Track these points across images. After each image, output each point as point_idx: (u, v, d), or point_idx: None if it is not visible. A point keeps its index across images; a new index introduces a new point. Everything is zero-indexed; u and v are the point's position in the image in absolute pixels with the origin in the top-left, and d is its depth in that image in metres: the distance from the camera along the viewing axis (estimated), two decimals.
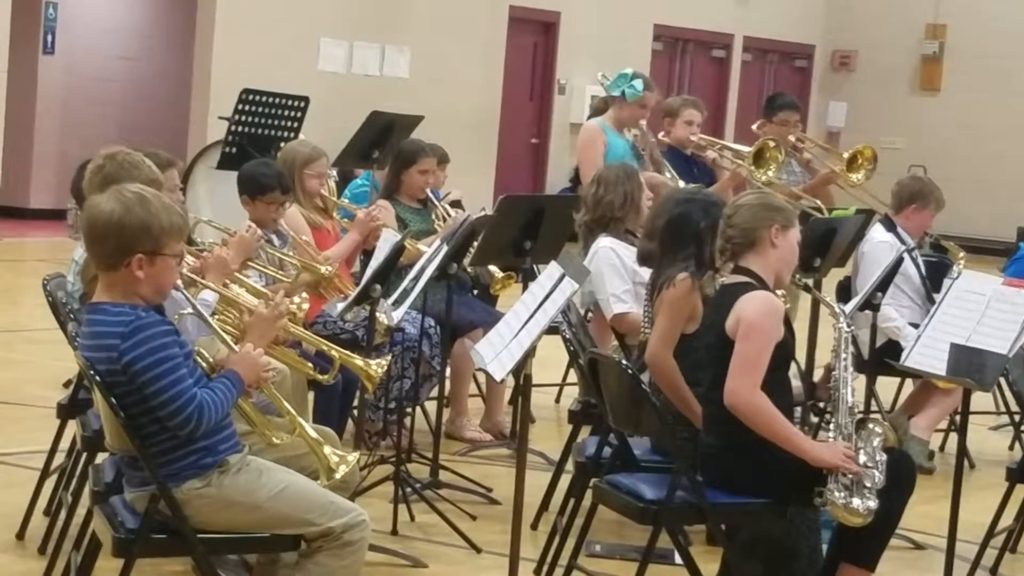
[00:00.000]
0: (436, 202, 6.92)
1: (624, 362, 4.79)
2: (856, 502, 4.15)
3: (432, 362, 6.49)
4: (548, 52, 16.66)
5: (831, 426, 4.45)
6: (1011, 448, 7.18)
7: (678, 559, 4.52)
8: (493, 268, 6.69)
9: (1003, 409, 7.22)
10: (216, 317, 4.28)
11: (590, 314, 6.20)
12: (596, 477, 4.71)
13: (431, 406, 6.53)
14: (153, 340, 3.56)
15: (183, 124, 13.49)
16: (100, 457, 4.39)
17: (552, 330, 4.54)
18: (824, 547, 4.53)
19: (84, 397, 4.65)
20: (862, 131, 13.93)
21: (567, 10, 17.03)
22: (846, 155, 8.05)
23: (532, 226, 6.44)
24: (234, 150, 9.50)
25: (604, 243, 5.97)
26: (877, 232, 7.19)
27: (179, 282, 3.94)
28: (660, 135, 7.83)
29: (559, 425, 7.25)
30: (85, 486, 4.49)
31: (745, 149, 7.66)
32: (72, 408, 4.89)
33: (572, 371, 6.58)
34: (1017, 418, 6.82)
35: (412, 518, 5.50)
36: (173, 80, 14.71)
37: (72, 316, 4.62)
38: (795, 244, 4.50)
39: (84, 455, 4.65)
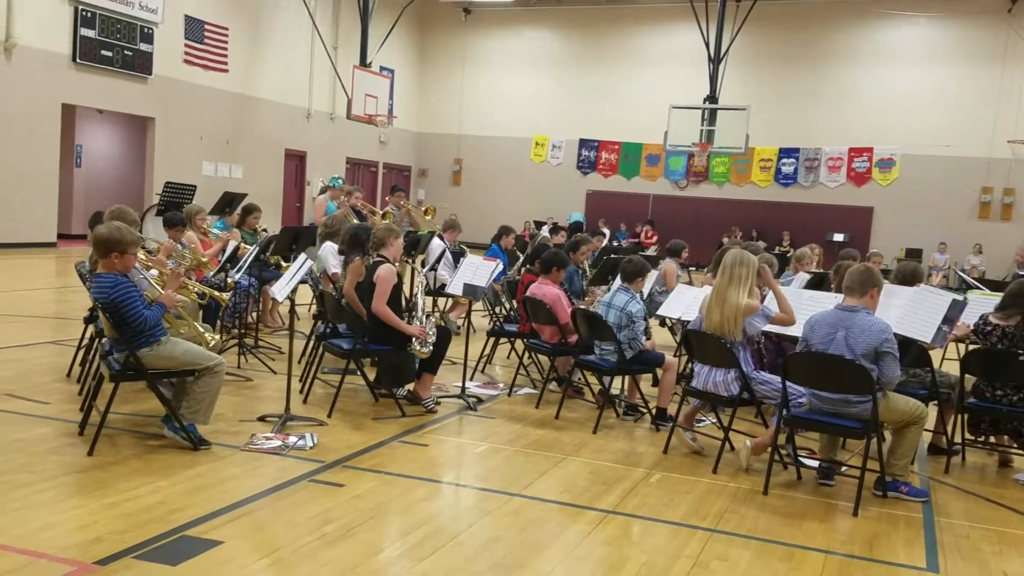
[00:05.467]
0: (262, 232, 9.04)
1: (335, 294, 6.89)
2: (423, 349, 6.47)
3: (254, 296, 8.60)
4: (302, 167, 23.08)
5: (415, 319, 6.56)
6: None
7: (359, 374, 6.68)
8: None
9: (489, 311, 9.25)
10: (154, 279, 5.78)
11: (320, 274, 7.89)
12: (324, 341, 6.79)
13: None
14: (123, 289, 5.00)
15: (141, 196, 18.65)
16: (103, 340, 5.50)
17: (303, 281, 6.47)
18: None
19: (94, 315, 6.14)
20: (432, 201, 19.98)
21: (310, 150, 24.63)
22: (423, 208, 11.47)
23: (295, 239, 8.73)
24: (164, 207, 12.43)
25: (328, 245, 8.12)
26: (435, 241, 9.83)
27: (137, 265, 5.43)
28: (343, 199, 10.44)
29: (308, 321, 9.46)
30: (96, 352, 5.92)
31: (380, 211, 10.77)
32: (90, 319, 6.57)
33: (314, 299, 7.94)
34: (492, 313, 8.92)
35: (246, 360, 7.77)
36: (136, 178, 20.18)
37: (87, 279, 6.03)
38: (401, 244, 6.80)
39: (96, 339, 6.08)
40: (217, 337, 5.87)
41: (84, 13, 17.56)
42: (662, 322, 9.76)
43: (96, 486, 4.57)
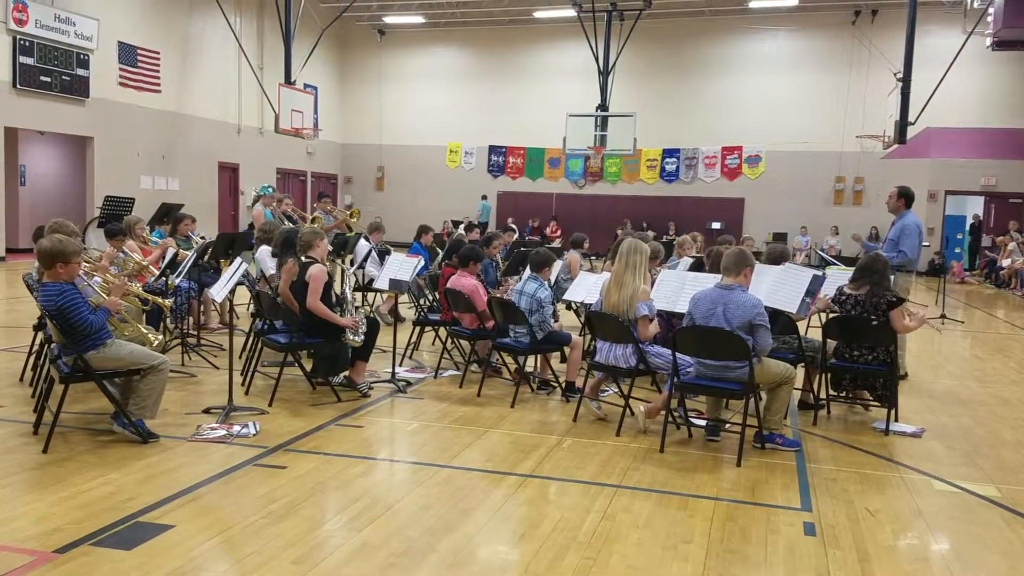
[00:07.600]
0: (196, 240, 8.68)
1: (271, 293, 6.67)
2: (356, 338, 6.34)
3: (196, 299, 8.40)
4: (235, 178, 22.35)
5: (347, 311, 6.43)
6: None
7: (297, 366, 6.57)
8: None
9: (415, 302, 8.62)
10: (98, 286, 5.48)
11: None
12: (263, 336, 6.59)
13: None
14: (69, 296, 4.79)
15: (83, 210, 17.55)
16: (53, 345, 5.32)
17: (241, 283, 6.32)
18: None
19: (43, 322, 5.79)
20: (359, 205, 19.70)
21: (243, 162, 23.84)
22: (349, 211, 11.17)
23: (232, 243, 8.53)
24: (104, 219, 11.67)
25: (264, 248, 7.93)
26: (362, 242, 9.72)
27: (82, 272, 5.15)
28: (274, 206, 10.31)
29: (247, 319, 8.99)
30: (47, 357, 5.71)
31: (309, 216, 10.53)
32: (39, 326, 6.35)
33: (252, 298, 7.82)
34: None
35: (190, 359, 7.61)
36: (78, 193, 18.66)
37: (34, 289, 5.76)
38: (326, 245, 6.60)
39: (46, 344, 5.79)
40: (160, 337, 5.72)
41: (23, 42, 16.84)
42: (568, 305, 9.83)
43: (52, 480, 4.42)
